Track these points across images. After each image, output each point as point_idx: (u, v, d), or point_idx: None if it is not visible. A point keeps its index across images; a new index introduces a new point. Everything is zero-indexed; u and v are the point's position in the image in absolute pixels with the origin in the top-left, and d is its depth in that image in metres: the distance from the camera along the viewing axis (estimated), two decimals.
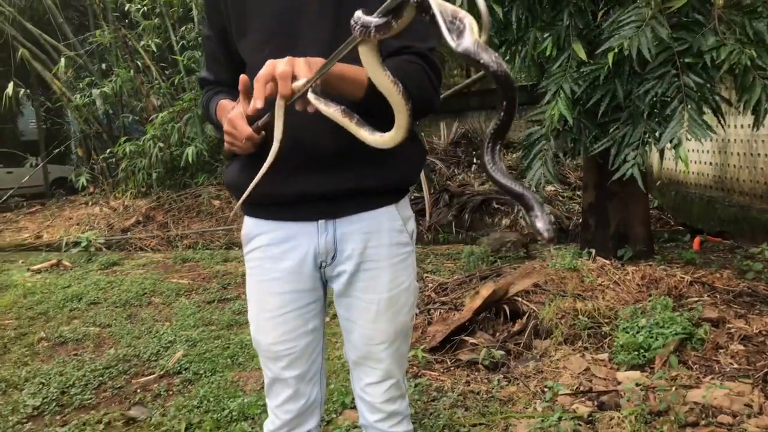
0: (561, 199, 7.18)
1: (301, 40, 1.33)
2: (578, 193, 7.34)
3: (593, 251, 4.21)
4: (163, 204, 8.77)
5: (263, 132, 1.27)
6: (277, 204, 1.40)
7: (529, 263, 4.03)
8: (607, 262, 3.76)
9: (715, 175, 6.27)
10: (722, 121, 3.74)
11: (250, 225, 1.45)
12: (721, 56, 3.26)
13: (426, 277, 4.73)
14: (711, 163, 6.26)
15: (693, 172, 6.64)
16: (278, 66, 1.12)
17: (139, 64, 9.99)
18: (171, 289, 5.07)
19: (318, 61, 1.15)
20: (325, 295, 1.51)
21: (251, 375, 3.16)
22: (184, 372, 3.28)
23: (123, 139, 9.43)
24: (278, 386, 1.48)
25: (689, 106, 3.34)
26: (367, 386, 1.50)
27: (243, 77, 1.22)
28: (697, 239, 5.08)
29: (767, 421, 2.23)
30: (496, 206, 7.40)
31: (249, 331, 1.54)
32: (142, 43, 9.81)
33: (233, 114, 1.26)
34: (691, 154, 6.46)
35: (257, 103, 1.13)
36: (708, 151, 6.26)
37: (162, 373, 3.30)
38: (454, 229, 7.01)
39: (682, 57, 3.38)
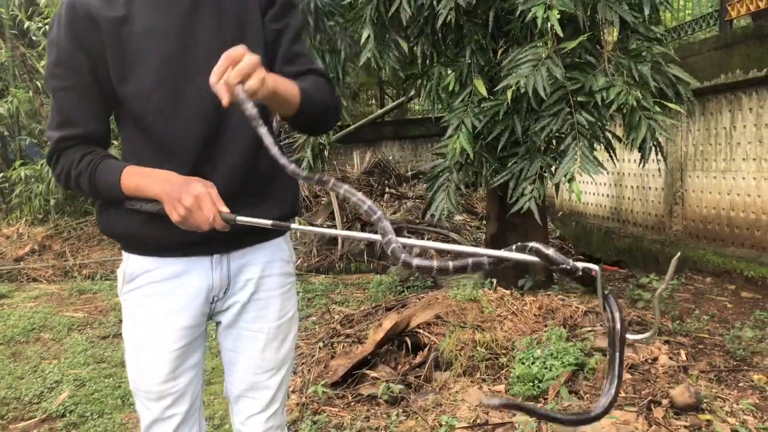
0: (468, 228, 7.34)
1: (192, 84, 1.30)
2: (485, 223, 7.52)
3: (495, 281, 4.30)
4: (61, 232, 8.32)
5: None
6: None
7: (432, 294, 4.06)
8: (507, 292, 3.84)
9: (611, 207, 6.59)
10: (614, 157, 3.94)
11: (135, 263, 1.40)
12: (610, 96, 3.44)
13: (333, 308, 4.69)
14: (608, 195, 6.58)
15: (591, 204, 6.95)
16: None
17: (39, 84, 9.52)
18: (63, 323, 4.78)
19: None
20: (206, 328, 1.49)
21: None
22: (68, 415, 3.08)
23: (18, 162, 8.92)
24: (158, 427, 1.43)
25: (581, 143, 3.50)
26: (249, 418, 1.50)
27: None
28: None
29: None
30: (407, 235, 7.46)
31: None
32: (43, 62, 9.36)
33: (202, 192, 1.20)
34: (589, 186, 6.78)
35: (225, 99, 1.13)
36: (605, 184, 6.58)
37: (44, 416, 3.09)
38: (365, 257, 7.01)
39: (575, 96, 3.55)
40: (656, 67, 3.59)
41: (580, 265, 1.00)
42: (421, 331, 3.24)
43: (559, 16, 3.37)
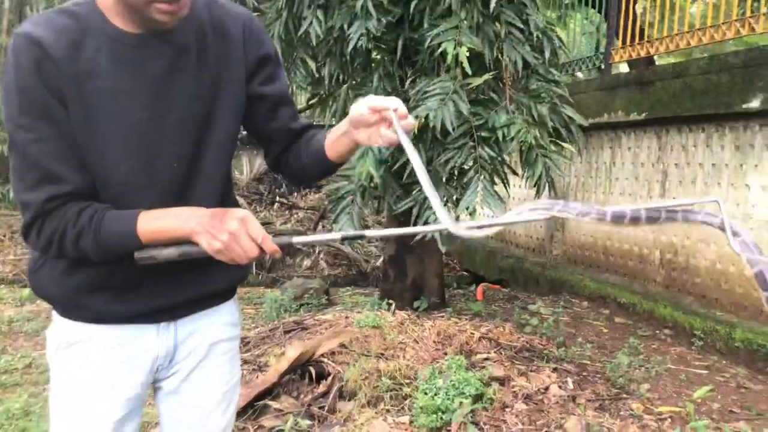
0: (359, 242, 7.40)
1: (162, 155, 1.19)
2: (384, 244, 7.63)
3: (392, 303, 4.38)
4: None
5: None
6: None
7: (333, 315, 4.06)
8: (406, 316, 3.92)
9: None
10: (507, 189, 4.15)
11: (72, 330, 1.28)
12: (511, 133, 3.61)
13: None
14: (493, 216, 6.87)
15: None
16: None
17: None
18: None
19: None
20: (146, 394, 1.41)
21: None
22: None
23: None
24: None
25: (483, 177, 3.65)
26: None
27: None
28: (480, 288, 5.52)
29: None
30: (297, 247, 7.40)
31: (16, 397, 1.36)
32: None
33: (247, 215, 1.11)
34: (477, 207, 7.05)
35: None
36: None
37: None
38: (254, 269, 6.87)
39: (479, 131, 3.70)
40: (553, 108, 3.82)
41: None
42: (325, 359, 3.23)
43: (467, 54, 3.50)
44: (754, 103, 3.68)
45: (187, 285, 1.28)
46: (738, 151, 3.94)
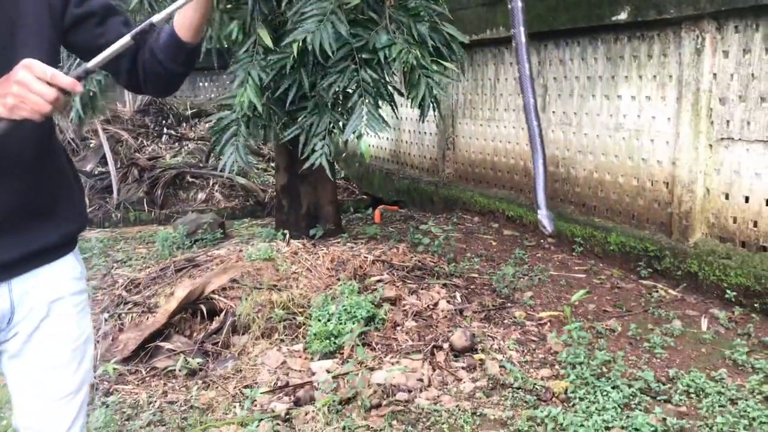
0: (256, 171, 7.25)
1: None
2: (272, 164, 7.48)
3: (287, 233, 4.36)
4: None
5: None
6: None
7: (224, 251, 4.00)
8: (301, 246, 3.91)
9: (391, 150, 6.93)
10: (396, 111, 4.13)
11: None
12: (392, 54, 3.55)
13: (115, 270, 4.40)
14: (388, 139, 6.90)
15: (373, 146, 7.24)
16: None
17: None
18: None
19: None
20: None
21: None
22: None
23: None
24: None
25: (367, 101, 3.60)
26: None
27: None
28: (377, 212, 5.58)
29: (434, 393, 2.58)
30: (190, 180, 7.16)
31: None
32: None
33: (27, 61, 1.02)
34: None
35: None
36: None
37: None
38: (146, 206, 6.62)
39: (360, 53, 3.61)
40: (433, 26, 3.78)
41: None
42: (216, 296, 3.20)
43: None
44: (622, 15, 3.80)
45: (17, 241, 1.20)
46: (609, 63, 4.09)
